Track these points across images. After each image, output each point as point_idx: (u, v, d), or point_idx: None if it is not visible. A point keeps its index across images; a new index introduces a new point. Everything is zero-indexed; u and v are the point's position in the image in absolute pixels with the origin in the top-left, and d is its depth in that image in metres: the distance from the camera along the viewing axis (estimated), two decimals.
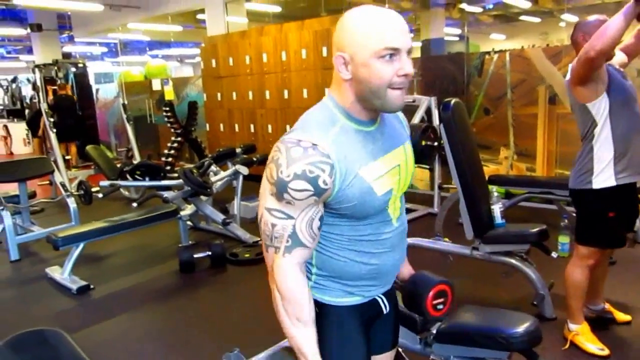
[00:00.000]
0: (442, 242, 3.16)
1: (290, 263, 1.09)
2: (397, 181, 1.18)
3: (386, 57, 1.02)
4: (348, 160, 1.07)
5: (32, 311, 3.28)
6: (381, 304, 1.31)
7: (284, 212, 1.06)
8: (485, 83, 5.15)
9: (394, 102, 1.07)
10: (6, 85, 12.49)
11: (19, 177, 4.45)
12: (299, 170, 1.01)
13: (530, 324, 1.67)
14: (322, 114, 1.12)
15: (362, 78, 1.06)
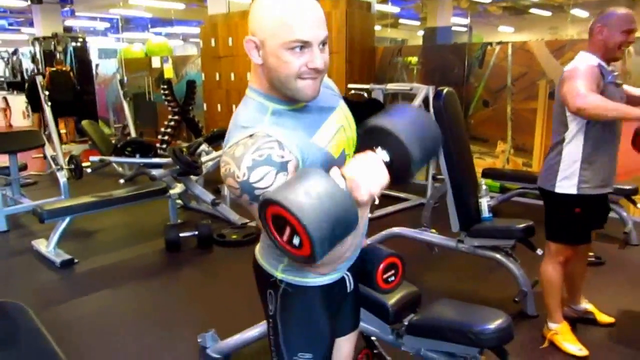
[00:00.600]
0: (428, 232, 3.12)
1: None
2: (346, 140, 1.17)
3: (296, 49, 0.99)
4: (295, 134, 1.05)
5: (14, 283, 3.27)
6: (347, 281, 1.31)
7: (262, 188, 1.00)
8: (485, 75, 5.07)
9: (304, 91, 1.04)
10: (7, 58, 12.39)
11: (9, 149, 4.41)
12: (249, 162, 0.97)
13: (502, 322, 1.64)
14: (248, 109, 1.10)
15: (271, 66, 1.03)
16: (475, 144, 5.22)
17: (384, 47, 6.30)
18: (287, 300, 1.21)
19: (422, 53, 5.60)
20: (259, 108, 1.08)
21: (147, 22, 14.79)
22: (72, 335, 2.61)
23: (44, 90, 5.99)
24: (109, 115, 9.92)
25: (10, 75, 12.19)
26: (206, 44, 6.91)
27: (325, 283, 1.22)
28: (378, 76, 5.79)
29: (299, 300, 1.21)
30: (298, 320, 1.22)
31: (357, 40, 5.59)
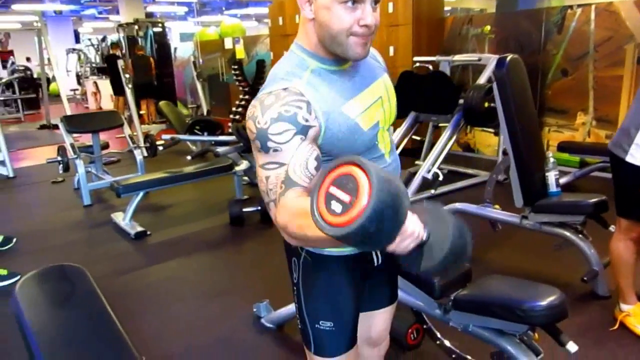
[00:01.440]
0: (490, 209, 2.98)
1: (285, 198, 0.95)
2: (382, 113, 1.16)
3: (348, 2, 0.97)
4: (327, 99, 1.04)
5: (94, 251, 3.55)
6: (373, 255, 1.27)
7: (274, 162, 0.99)
8: (565, 41, 4.70)
9: (354, 49, 1.02)
10: (97, 44, 13.28)
11: (92, 128, 4.75)
12: (274, 114, 0.97)
13: (554, 298, 1.54)
14: (289, 62, 1.08)
15: (323, 21, 1.01)
16: (553, 116, 4.89)
17: (454, 16, 6.02)
18: (309, 269, 1.21)
19: (495, 21, 5.28)
20: (300, 64, 1.07)
21: (223, 5, 15.17)
22: (136, 300, 2.80)
23: (124, 74, 6.35)
24: (186, 96, 10.37)
25: (100, 61, 13.05)
26: (274, 22, 6.98)
27: (345, 254, 1.20)
28: (447, 48, 5.55)
29: (319, 269, 1.21)
30: (319, 289, 1.21)
31: (425, 11, 5.38)
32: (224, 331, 2.46)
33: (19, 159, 6.75)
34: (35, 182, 5.49)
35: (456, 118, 4.25)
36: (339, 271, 1.21)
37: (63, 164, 4.48)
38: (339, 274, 1.21)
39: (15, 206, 4.72)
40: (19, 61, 14.17)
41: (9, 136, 8.02)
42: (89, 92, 12.82)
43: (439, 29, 5.60)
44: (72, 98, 13.64)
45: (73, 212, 4.45)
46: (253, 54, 8.39)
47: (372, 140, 1.13)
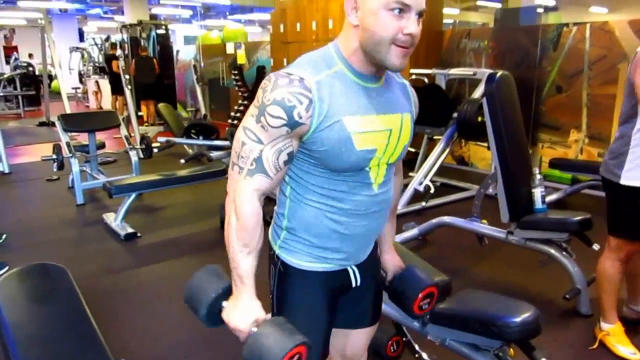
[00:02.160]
0: (477, 223, 3.00)
1: (250, 187, 1.06)
2: (385, 146, 1.13)
3: (395, 10, 1.00)
4: (333, 103, 1.05)
5: (83, 250, 3.56)
6: (351, 275, 1.27)
7: (256, 135, 1.05)
8: (560, 58, 4.74)
9: (394, 59, 1.04)
10: (100, 44, 13.34)
11: (88, 128, 4.78)
12: (279, 96, 1.02)
13: (528, 315, 1.56)
14: (320, 56, 1.10)
15: (368, 26, 1.03)
16: (547, 132, 4.93)
17: (452, 30, 6.08)
18: (283, 280, 1.22)
19: (493, 36, 5.33)
20: (329, 60, 1.08)
21: (227, 10, 15.26)
22: (122, 300, 2.81)
23: (124, 75, 6.38)
24: (186, 98, 10.41)
25: (103, 60, 13.12)
26: (275, 29, 7.02)
27: (319, 270, 1.21)
28: (444, 60, 5.60)
29: (292, 281, 1.21)
30: (291, 301, 1.21)
31: (424, 24, 5.31)
32: (207, 332, 2.45)
33: (16, 154, 6.78)
34: (30, 179, 5.51)
35: (450, 131, 4.29)
36: (312, 285, 1.21)
37: (58, 162, 4.50)
38: (312, 288, 1.21)
39: (8, 202, 4.73)
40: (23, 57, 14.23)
41: (8, 132, 8.06)
42: (90, 91, 12.87)
43: (437, 42, 5.64)
44: (74, 96, 13.69)
45: (66, 210, 4.46)
46: (254, 60, 8.44)
47: (362, 164, 1.11)
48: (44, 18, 8.28)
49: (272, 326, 1.04)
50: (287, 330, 1.03)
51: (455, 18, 13.30)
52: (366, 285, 1.31)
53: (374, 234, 1.27)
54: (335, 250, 1.19)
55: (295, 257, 1.20)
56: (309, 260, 1.20)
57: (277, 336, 1.01)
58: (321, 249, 1.18)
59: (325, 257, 1.20)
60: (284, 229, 1.20)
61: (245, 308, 1.09)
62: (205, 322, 1.14)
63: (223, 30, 11.75)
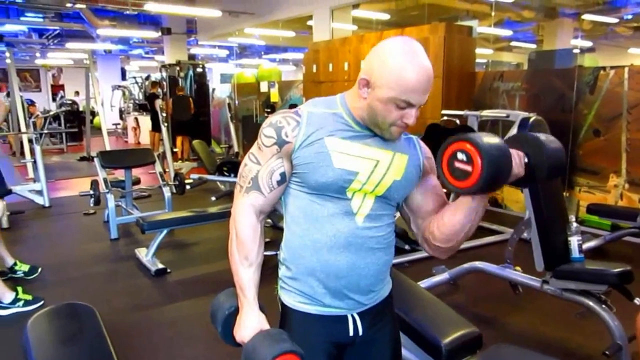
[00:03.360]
0: (510, 270, 2.90)
1: (246, 203, 1.19)
2: (369, 172, 1.15)
3: (400, 104, 1.09)
4: (319, 127, 1.15)
5: (114, 286, 3.61)
6: (350, 324, 1.21)
7: (255, 157, 1.19)
8: (597, 101, 4.65)
9: (391, 135, 1.15)
10: (140, 82, 13.92)
11: (125, 164, 4.92)
12: (273, 120, 1.17)
13: None
14: (325, 100, 1.22)
15: (374, 108, 1.12)
16: (584, 176, 4.80)
17: (485, 71, 6.07)
18: (283, 319, 1.25)
19: (526, 78, 5.29)
20: (330, 104, 1.19)
21: (262, 49, 15.74)
22: (148, 338, 2.82)
23: (162, 113, 6.60)
24: (220, 135, 10.66)
25: (143, 97, 13.65)
26: (308, 69, 7.18)
27: (314, 313, 1.19)
28: (477, 102, 5.58)
29: (290, 322, 1.23)
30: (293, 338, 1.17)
31: (456, 65, 5.45)
32: None
33: (56, 188, 7.02)
34: (68, 213, 5.69)
35: None
36: (311, 330, 1.20)
37: (94, 198, 4.63)
38: (311, 333, 1.20)
39: (46, 235, 4.87)
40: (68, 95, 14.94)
41: (50, 166, 8.39)
42: (130, 127, 13.34)
43: (470, 83, 5.64)
44: (114, 132, 14.21)
45: (100, 244, 4.56)
46: (287, 98, 8.60)
47: (340, 183, 1.12)
48: (89, 59, 8.71)
49: (268, 333, 1.14)
50: (281, 339, 1.11)
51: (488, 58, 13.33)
52: (376, 340, 1.25)
53: (364, 276, 1.19)
54: (323, 288, 1.17)
55: (291, 297, 1.23)
56: (303, 301, 1.20)
57: (270, 341, 1.10)
58: (309, 287, 1.18)
59: (317, 299, 1.18)
60: (282, 262, 1.25)
61: (248, 320, 1.17)
62: (223, 338, 1.28)
63: (258, 69, 12.08)
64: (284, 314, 1.24)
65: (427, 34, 5.46)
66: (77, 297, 2.69)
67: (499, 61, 13.72)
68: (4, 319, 3.03)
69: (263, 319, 1.18)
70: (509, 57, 14.31)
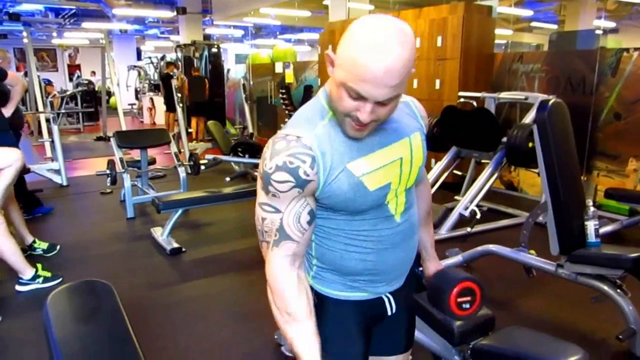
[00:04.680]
0: (524, 253, 2.88)
1: (278, 256, 1.07)
2: (398, 175, 1.12)
3: (351, 94, 0.96)
4: (334, 153, 1.04)
5: (130, 264, 3.67)
6: (386, 303, 1.26)
7: (271, 206, 1.05)
8: (619, 84, 4.55)
9: (348, 129, 1.04)
10: (156, 63, 13.93)
11: (141, 144, 4.96)
12: (280, 161, 1.01)
13: (577, 358, 1.47)
14: (312, 108, 1.10)
15: (332, 90, 1.03)
16: (603, 160, 4.71)
17: (504, 53, 5.95)
18: (317, 309, 1.21)
19: (547, 59, 5.18)
20: (321, 111, 1.08)
21: (277, 30, 15.61)
22: (164, 316, 2.87)
23: (177, 93, 6.61)
24: (235, 116, 10.67)
25: (158, 78, 13.68)
26: (324, 50, 7.10)
27: (353, 299, 1.20)
28: (495, 84, 5.49)
29: (327, 311, 1.21)
30: (327, 332, 1.18)
31: (474, 46, 5.35)
32: (245, 354, 2.49)
33: (74, 168, 7.12)
34: (85, 192, 5.77)
35: (498, 156, 4.19)
36: (347, 315, 1.21)
37: (111, 177, 4.69)
38: (347, 318, 1.21)
39: (64, 214, 4.96)
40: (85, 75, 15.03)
41: (68, 146, 8.49)
42: (145, 108, 13.41)
43: (488, 65, 5.54)
44: (129, 112, 14.31)
45: (116, 223, 4.63)
46: (302, 79, 8.55)
47: (379, 201, 1.11)
48: (104, 38, 8.73)
49: None
50: None
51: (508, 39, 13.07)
52: (401, 313, 1.30)
53: (408, 262, 1.25)
54: (369, 281, 1.19)
55: (328, 287, 1.21)
56: (342, 290, 1.20)
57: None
58: (355, 281, 1.19)
59: (358, 287, 1.20)
60: (314, 265, 1.21)
61: None
62: None
63: (273, 49, 12.00)
64: (319, 301, 1.20)
65: (446, 14, 5.36)
66: (94, 275, 2.75)
67: (518, 42, 13.44)
68: (23, 294, 3.11)
69: None
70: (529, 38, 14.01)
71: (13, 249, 3.08)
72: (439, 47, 5.40)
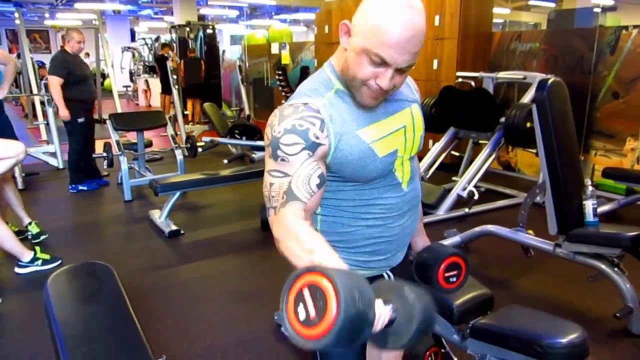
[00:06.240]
0: (523, 233, 2.90)
1: (287, 212, 1.01)
2: (403, 142, 1.16)
3: (374, 59, 0.99)
4: (343, 120, 1.07)
5: (129, 247, 3.68)
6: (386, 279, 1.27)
7: (280, 171, 1.04)
8: (618, 63, 4.52)
9: (364, 98, 1.06)
10: (150, 44, 13.77)
11: (137, 127, 4.93)
12: (288, 125, 1.02)
13: (576, 336, 1.49)
14: (317, 80, 1.12)
15: (348, 59, 1.04)
16: (601, 139, 4.71)
17: (502, 32, 5.90)
18: None
19: (545, 38, 5.14)
20: (326, 83, 1.10)
21: (273, 10, 15.41)
22: (164, 297, 2.88)
23: (172, 75, 6.55)
24: (231, 98, 10.58)
25: (153, 60, 13.53)
26: (320, 30, 7.04)
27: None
28: (493, 63, 5.45)
29: None
30: None
31: (472, 25, 5.30)
32: (244, 335, 2.50)
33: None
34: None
35: (496, 137, 4.18)
36: None
37: (108, 160, 4.66)
38: None
39: (61, 197, 4.94)
40: None
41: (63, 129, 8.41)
42: (140, 90, 13.29)
43: (486, 44, 5.50)
44: (124, 94, 14.19)
45: (114, 206, 4.62)
46: (298, 60, 8.48)
47: (388, 168, 1.14)
48: (98, 19, 8.61)
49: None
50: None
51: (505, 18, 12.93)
52: None
53: (410, 232, 1.29)
54: (376, 254, 1.21)
55: None
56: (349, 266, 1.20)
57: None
58: (361, 254, 1.20)
59: (366, 262, 1.21)
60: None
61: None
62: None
63: (268, 30, 11.87)
64: None
65: None
66: (93, 257, 2.75)
67: (516, 21, 13.32)
68: (23, 277, 3.12)
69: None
70: (527, 17, 13.87)
71: (6, 235, 3.05)
72: (437, 27, 5.36)
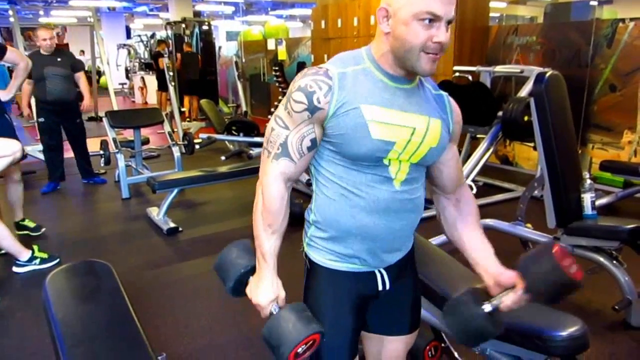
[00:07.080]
0: (521, 227, 2.90)
1: (275, 170, 1.15)
2: (405, 141, 1.12)
3: (426, 20, 1.03)
4: (355, 91, 1.09)
5: (127, 245, 3.67)
6: (378, 279, 1.25)
7: (283, 121, 1.13)
8: (615, 56, 4.52)
9: (424, 65, 1.08)
10: (146, 41, 13.70)
11: (134, 124, 4.91)
12: (303, 83, 1.09)
13: (576, 329, 1.48)
14: (350, 55, 1.16)
15: (399, 35, 1.07)
16: (598, 132, 4.72)
17: (499, 26, 5.90)
18: (309, 276, 1.26)
19: (542, 32, 5.14)
20: (357, 59, 1.14)
21: (269, 6, 15.36)
22: (163, 295, 2.88)
23: (168, 72, 6.52)
24: (228, 94, 10.56)
25: (149, 56, 13.47)
26: (317, 25, 7.01)
27: (343, 270, 1.21)
28: (490, 57, 5.44)
29: (318, 279, 1.24)
30: (317, 299, 1.23)
31: (469, 19, 5.29)
32: (245, 331, 2.51)
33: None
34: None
35: (494, 130, 4.17)
36: (337, 285, 1.22)
37: (105, 158, 4.65)
38: (337, 288, 1.22)
39: (59, 196, 4.93)
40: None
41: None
42: (136, 87, 13.24)
43: (483, 38, 5.49)
44: (120, 92, 14.13)
45: (112, 204, 4.61)
46: (295, 56, 8.45)
47: (378, 154, 1.11)
48: (93, 16, 8.55)
49: (292, 312, 1.14)
50: (305, 318, 1.14)
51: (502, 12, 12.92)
52: (399, 291, 1.30)
53: (399, 237, 1.24)
54: (358, 249, 1.20)
55: (320, 255, 1.23)
56: (333, 259, 1.22)
57: (295, 322, 1.11)
58: (344, 247, 1.20)
59: (348, 257, 1.21)
60: (311, 223, 1.23)
61: (266, 285, 1.18)
62: (231, 293, 1.29)
63: (264, 26, 11.83)
64: (312, 270, 1.25)
65: None
66: (91, 256, 2.74)
67: (512, 15, 13.31)
68: (21, 276, 3.11)
69: (279, 285, 1.20)
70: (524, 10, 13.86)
71: (4, 233, 3.04)
72: None
